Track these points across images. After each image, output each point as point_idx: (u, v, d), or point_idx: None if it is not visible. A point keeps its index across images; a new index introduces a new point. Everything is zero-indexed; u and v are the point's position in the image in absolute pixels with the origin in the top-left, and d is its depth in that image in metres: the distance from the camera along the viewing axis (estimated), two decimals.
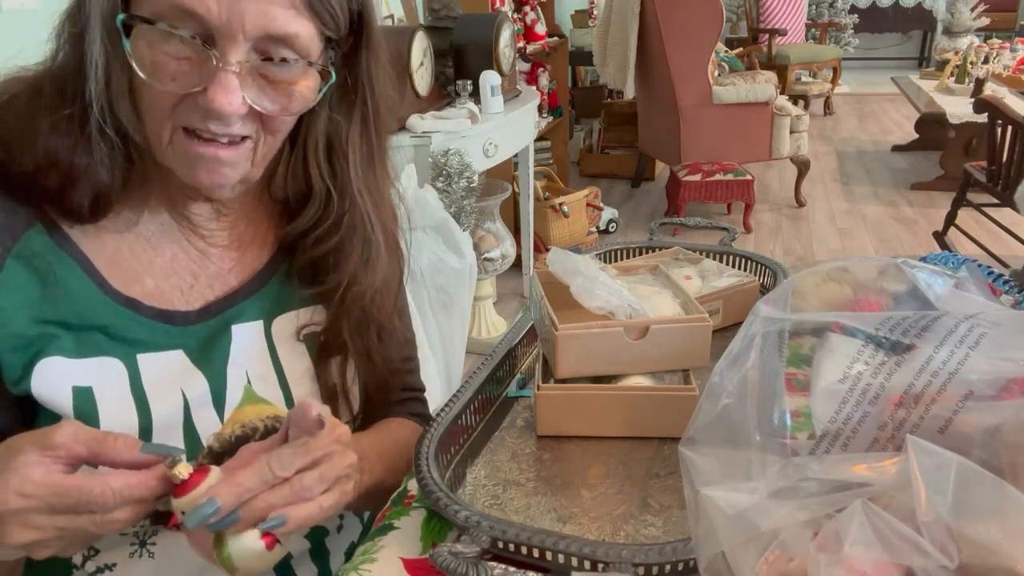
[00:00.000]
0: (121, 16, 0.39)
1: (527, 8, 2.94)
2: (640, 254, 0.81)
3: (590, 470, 0.51)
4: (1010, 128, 2.12)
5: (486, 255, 1.88)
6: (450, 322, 1.43)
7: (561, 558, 0.40)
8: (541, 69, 3.05)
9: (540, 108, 2.86)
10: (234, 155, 0.43)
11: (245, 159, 0.44)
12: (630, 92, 2.98)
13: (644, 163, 3.40)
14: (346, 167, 0.49)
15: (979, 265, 0.45)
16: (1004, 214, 2.31)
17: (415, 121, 1.54)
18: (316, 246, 0.50)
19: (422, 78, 1.60)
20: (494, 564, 0.40)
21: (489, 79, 1.75)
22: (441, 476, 0.46)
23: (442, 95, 1.78)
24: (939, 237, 2.54)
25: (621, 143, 3.51)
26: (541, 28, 2.98)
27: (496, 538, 0.41)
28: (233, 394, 0.48)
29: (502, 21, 1.82)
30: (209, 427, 0.46)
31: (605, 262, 0.74)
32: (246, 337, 0.49)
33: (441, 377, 1.42)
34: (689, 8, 2.65)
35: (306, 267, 0.51)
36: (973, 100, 2.46)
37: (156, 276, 0.47)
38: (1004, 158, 2.16)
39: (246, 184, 0.48)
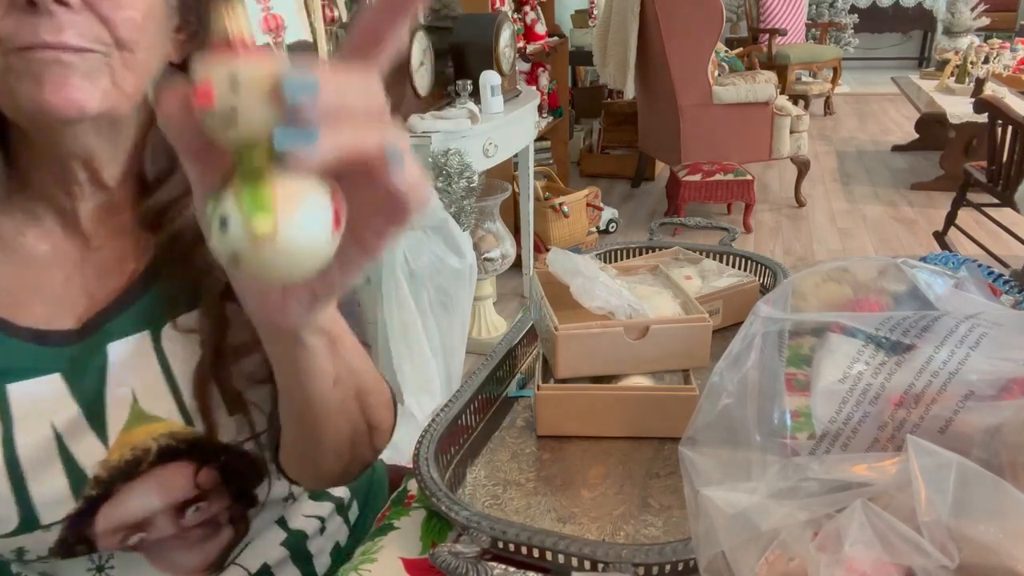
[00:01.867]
0: None
1: (527, 8, 2.94)
2: (640, 254, 0.81)
3: (590, 470, 0.51)
4: (1010, 128, 2.11)
5: (486, 255, 1.88)
6: (450, 322, 1.43)
7: (561, 558, 0.40)
8: (541, 69, 3.04)
9: (540, 108, 2.86)
10: (79, 60, 0.36)
11: (97, 71, 0.36)
12: (630, 92, 2.98)
13: (644, 163, 3.40)
14: None
15: (979, 265, 0.45)
16: (1004, 214, 2.31)
17: (415, 121, 1.54)
18: (173, 220, 0.43)
19: (422, 78, 1.60)
20: (494, 564, 0.40)
21: (489, 79, 1.75)
22: (441, 476, 0.46)
23: (442, 95, 1.78)
24: (939, 237, 2.54)
25: (621, 143, 3.51)
26: (541, 28, 2.98)
27: (496, 538, 0.41)
28: (117, 416, 0.42)
29: (502, 21, 1.82)
30: (94, 456, 0.42)
31: (605, 262, 0.74)
32: (129, 352, 0.43)
33: (441, 377, 1.42)
34: (689, 8, 2.65)
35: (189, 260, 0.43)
36: (973, 100, 2.46)
37: (47, 302, 0.42)
38: (1004, 158, 2.15)
39: (113, 118, 0.40)
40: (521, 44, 2.79)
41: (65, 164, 0.41)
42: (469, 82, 1.73)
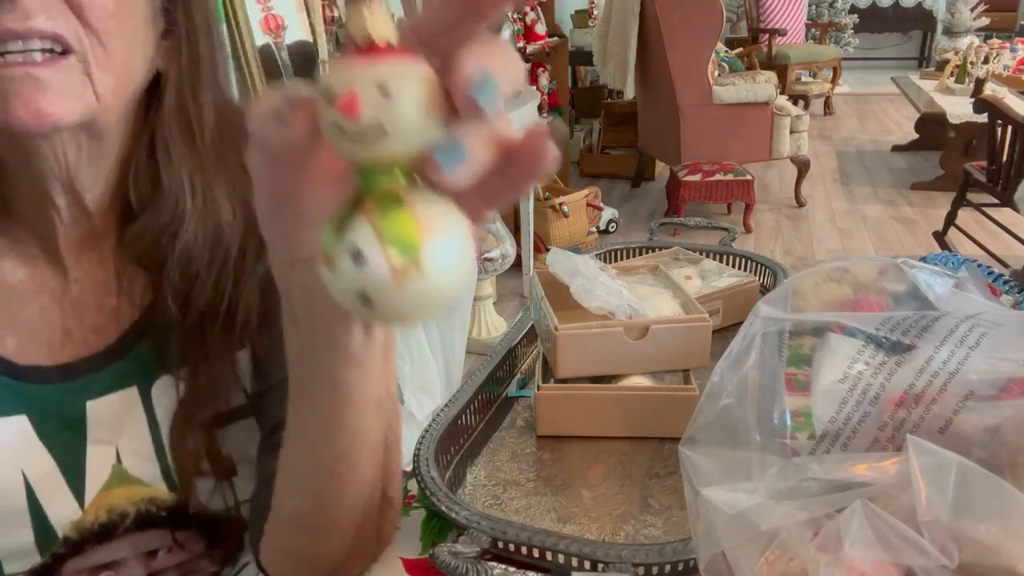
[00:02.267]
0: None
1: (527, 8, 2.94)
2: (640, 254, 0.81)
3: (590, 470, 0.51)
4: (1010, 128, 2.11)
5: (486, 255, 1.88)
6: (450, 322, 1.43)
7: (561, 558, 0.40)
8: (541, 69, 3.05)
9: (540, 108, 2.86)
10: (52, 73, 0.32)
11: (73, 80, 0.33)
12: (630, 92, 2.98)
13: (644, 163, 3.40)
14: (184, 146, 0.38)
15: (979, 265, 0.45)
16: (1004, 214, 2.31)
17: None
18: (155, 254, 0.38)
19: None
20: (494, 564, 0.40)
21: None
22: (441, 476, 0.46)
23: None
24: (939, 237, 2.54)
25: (621, 143, 3.51)
26: (541, 28, 2.98)
27: (496, 538, 0.41)
28: (96, 474, 0.39)
29: (502, 21, 1.82)
30: (66, 515, 0.39)
31: (605, 262, 0.74)
32: (113, 407, 0.39)
33: (441, 377, 1.42)
34: (689, 8, 2.65)
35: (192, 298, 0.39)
36: (973, 100, 2.47)
37: (20, 333, 0.39)
38: (1004, 158, 2.15)
39: (93, 131, 0.36)
40: (521, 44, 2.79)
41: (42, 187, 0.37)
42: None
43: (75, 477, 0.39)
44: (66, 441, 0.39)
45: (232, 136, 0.40)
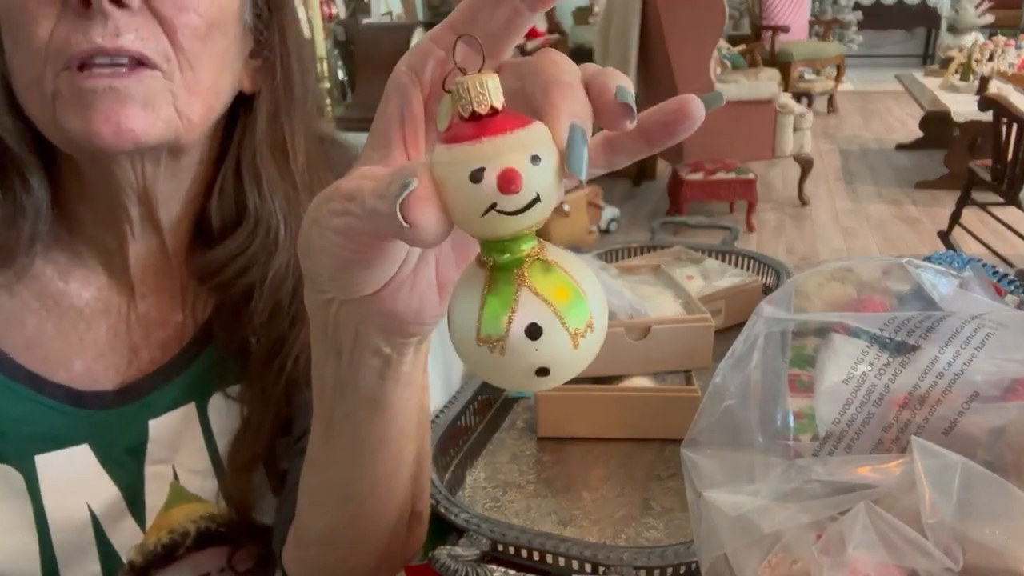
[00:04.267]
0: None
1: None
2: (642, 253, 0.81)
3: (591, 472, 0.51)
4: (1015, 126, 2.10)
5: None
6: None
7: (562, 561, 0.40)
8: None
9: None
10: (135, 84, 0.31)
11: (157, 96, 0.32)
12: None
13: (645, 161, 3.40)
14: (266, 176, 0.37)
15: (984, 265, 0.45)
16: (1009, 213, 2.30)
17: None
18: (236, 279, 0.38)
19: None
20: (494, 567, 0.40)
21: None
22: (440, 478, 0.46)
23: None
24: (944, 236, 2.53)
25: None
26: (542, 25, 2.98)
27: (496, 541, 0.41)
28: (155, 495, 0.39)
29: None
30: (131, 540, 0.38)
31: (606, 262, 0.73)
32: (172, 425, 0.39)
33: (440, 378, 1.41)
34: (691, 5, 2.64)
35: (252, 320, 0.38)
36: (978, 98, 2.45)
37: (88, 356, 0.38)
38: (1009, 157, 2.14)
39: (175, 149, 0.35)
40: (521, 41, 2.78)
41: (117, 199, 0.36)
42: None
43: (137, 501, 0.39)
44: (127, 465, 0.39)
45: (320, 162, 0.39)
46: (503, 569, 0.40)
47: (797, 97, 3.87)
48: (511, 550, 0.41)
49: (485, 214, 0.16)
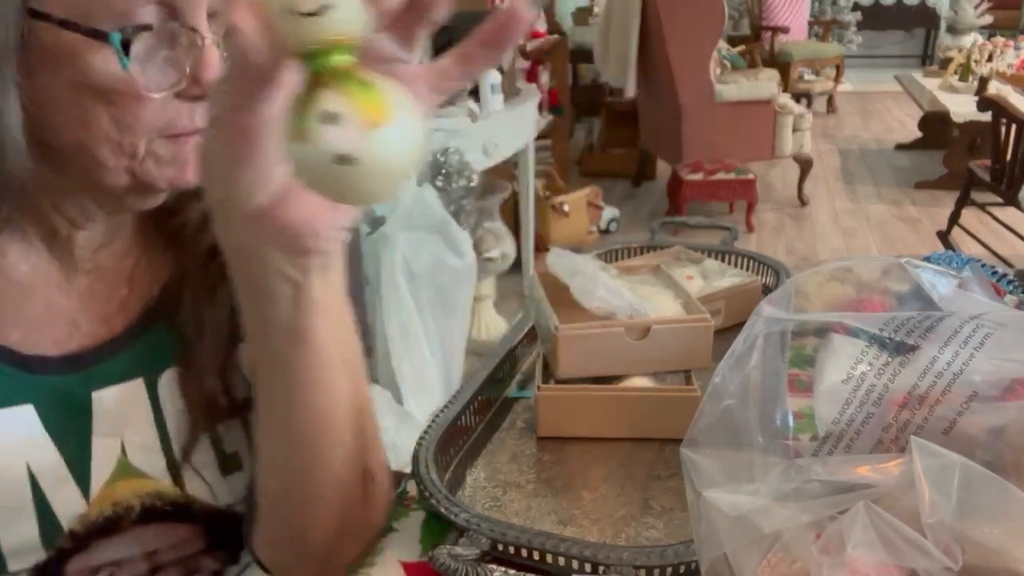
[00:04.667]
0: (118, 35, 0.32)
1: None
2: (641, 254, 0.81)
3: (591, 472, 0.51)
4: (1014, 127, 2.11)
5: (486, 255, 1.88)
6: (449, 322, 1.43)
7: (562, 561, 0.40)
8: (541, 67, 3.04)
9: (540, 106, 2.86)
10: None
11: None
12: (631, 90, 2.97)
13: (645, 162, 3.40)
14: None
15: (983, 265, 0.45)
16: (1008, 213, 2.30)
17: None
18: (200, 236, 0.40)
19: None
20: (494, 567, 0.40)
21: (488, 77, 1.75)
22: (440, 478, 0.46)
23: None
24: (943, 237, 2.53)
25: (622, 142, 3.51)
26: (541, 26, 2.98)
27: (496, 540, 0.41)
28: (102, 468, 0.39)
29: None
30: (72, 509, 0.39)
31: (606, 262, 0.73)
32: (119, 399, 0.40)
33: (440, 378, 1.42)
34: (691, 5, 2.64)
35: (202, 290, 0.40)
36: (977, 98, 2.46)
37: (27, 326, 0.38)
38: (1008, 157, 2.15)
39: None
40: (521, 42, 2.78)
41: (104, 211, 0.39)
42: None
43: (81, 470, 0.39)
44: (72, 433, 0.39)
45: None
46: (503, 568, 0.40)
47: (796, 97, 3.87)
48: (511, 549, 0.41)
49: (284, 20, 0.19)
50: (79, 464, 0.39)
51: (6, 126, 0.33)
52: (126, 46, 0.33)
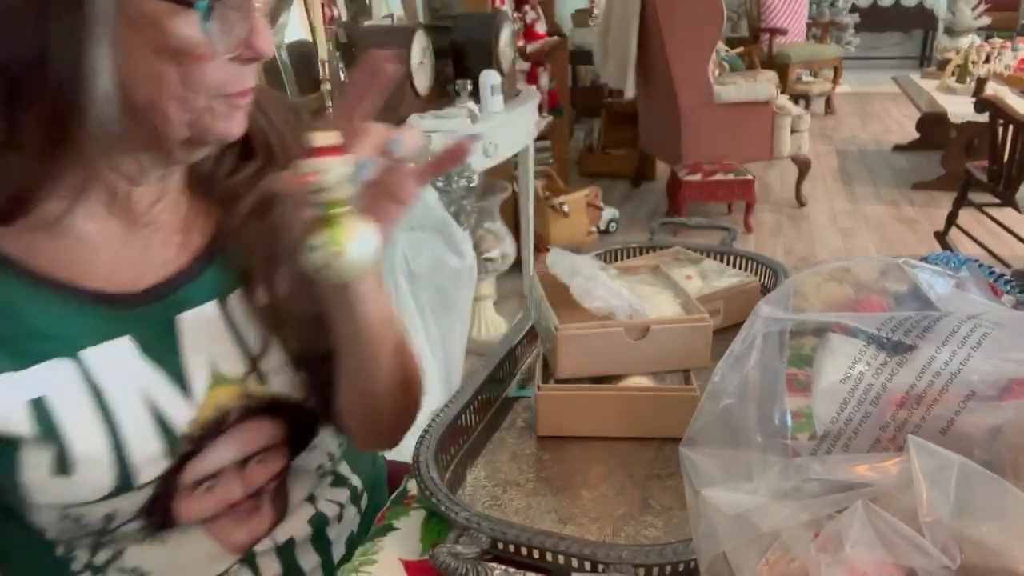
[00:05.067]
0: (204, 3, 0.38)
1: (527, 7, 2.94)
2: (641, 254, 0.81)
3: (590, 471, 0.51)
4: (1012, 128, 2.11)
5: (486, 255, 1.88)
6: (449, 322, 1.42)
7: (561, 559, 0.40)
8: (541, 68, 3.04)
9: (540, 107, 2.86)
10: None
11: None
12: (630, 91, 2.98)
13: (644, 163, 3.40)
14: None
15: (980, 265, 0.45)
16: (1006, 214, 2.31)
17: (414, 121, 1.54)
18: (245, 188, 0.48)
19: (421, 77, 1.60)
20: (494, 565, 0.40)
21: (489, 78, 1.75)
22: (441, 477, 0.46)
23: (441, 94, 1.78)
24: (940, 237, 2.53)
25: (621, 142, 3.51)
26: (541, 27, 2.98)
27: (496, 539, 0.41)
28: (199, 379, 0.46)
29: (502, 20, 1.82)
30: (183, 417, 0.45)
31: (605, 262, 0.74)
32: (200, 322, 0.46)
33: (440, 378, 1.41)
34: (690, 7, 2.64)
35: (251, 225, 0.48)
36: (974, 100, 2.46)
37: (104, 274, 0.44)
38: (1006, 158, 2.15)
39: None
40: (521, 43, 2.78)
41: (158, 166, 0.45)
42: (469, 82, 1.73)
43: (183, 384, 0.45)
44: (167, 354, 0.45)
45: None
46: (503, 567, 0.40)
47: (795, 99, 3.87)
48: (511, 548, 0.41)
49: (307, 190, 0.36)
50: (180, 379, 0.45)
51: (103, 87, 0.38)
52: (207, 13, 0.39)
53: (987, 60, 3.37)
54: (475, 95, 1.74)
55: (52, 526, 0.43)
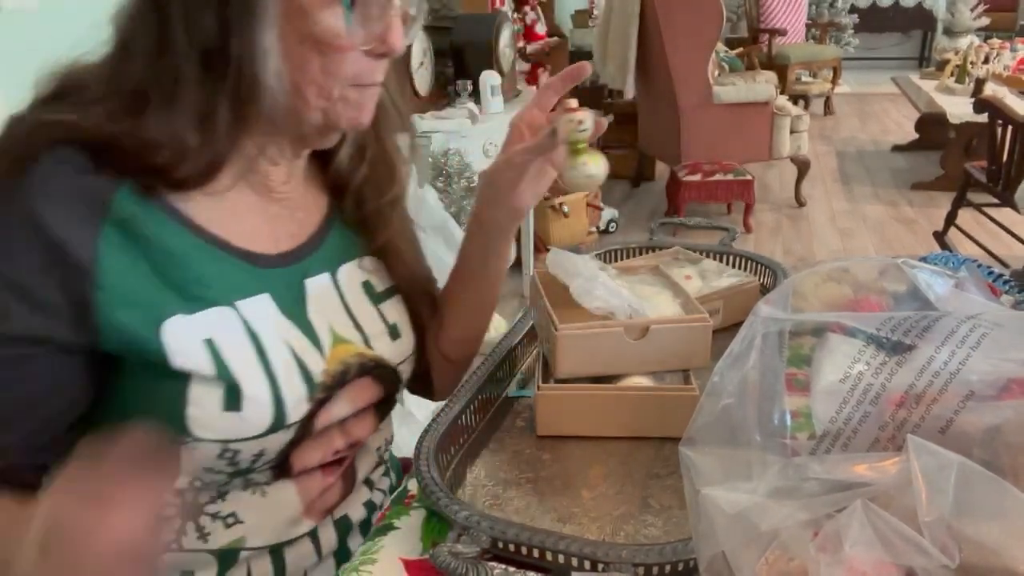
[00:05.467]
0: None
1: (527, 8, 2.94)
2: (640, 254, 0.81)
3: (590, 470, 0.51)
4: (1010, 128, 2.12)
5: None
6: None
7: (561, 558, 0.40)
8: (541, 69, 3.04)
9: None
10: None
11: None
12: (630, 92, 2.98)
13: (644, 163, 3.40)
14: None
15: (979, 265, 0.45)
16: (1004, 214, 2.31)
17: (414, 121, 1.54)
18: (355, 182, 0.55)
19: (422, 78, 1.61)
20: (494, 564, 0.40)
21: (489, 79, 1.75)
22: (441, 476, 0.46)
23: (442, 95, 1.78)
24: (939, 237, 2.54)
25: (621, 143, 3.51)
26: (541, 28, 2.98)
27: (496, 538, 0.41)
28: (324, 337, 0.51)
29: (502, 21, 1.82)
30: (317, 367, 0.49)
31: (605, 262, 0.74)
32: (319, 289, 0.52)
33: None
34: (689, 8, 2.65)
35: (353, 213, 0.56)
36: (973, 100, 2.46)
37: (244, 240, 0.49)
38: (1004, 158, 2.16)
39: None
40: (521, 44, 2.79)
41: (296, 152, 0.51)
42: (469, 82, 1.73)
43: (312, 339, 0.50)
44: (298, 313, 0.50)
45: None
46: (503, 566, 0.40)
47: (794, 99, 3.88)
48: (511, 547, 0.41)
49: (571, 133, 0.50)
50: (310, 335, 0.50)
51: (273, 65, 0.43)
52: (351, 6, 0.44)
53: (986, 61, 3.37)
54: (475, 95, 1.74)
55: (207, 462, 0.46)
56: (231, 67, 0.42)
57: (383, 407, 0.57)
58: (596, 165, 0.51)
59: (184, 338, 0.43)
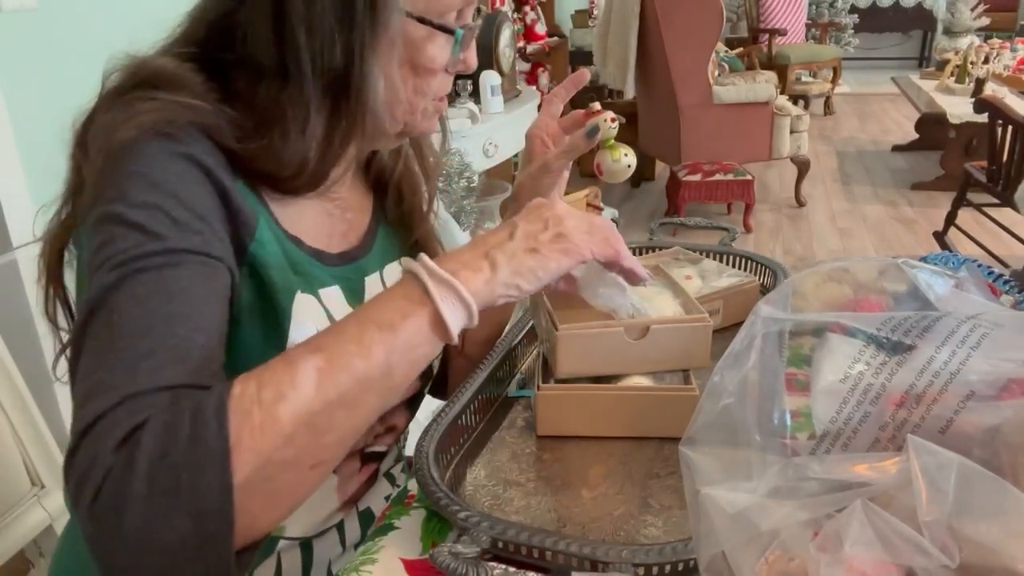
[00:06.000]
0: (460, 31, 0.49)
1: (527, 8, 2.95)
2: (640, 254, 0.81)
3: (590, 470, 0.51)
4: (1010, 128, 2.12)
5: None
6: None
7: (561, 558, 0.40)
8: (541, 69, 3.04)
9: (539, 108, 2.86)
10: None
11: None
12: (630, 92, 2.98)
13: (644, 163, 3.40)
14: None
15: (979, 265, 0.45)
16: (1004, 214, 2.31)
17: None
18: (394, 178, 0.59)
19: None
20: (494, 564, 0.40)
21: (489, 79, 1.75)
22: (441, 476, 0.46)
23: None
24: (939, 237, 2.54)
25: (621, 143, 3.51)
26: (541, 28, 2.98)
27: (496, 538, 0.41)
28: None
29: (502, 21, 1.82)
30: None
31: None
32: (373, 285, 0.56)
33: None
34: (689, 8, 2.65)
35: (394, 210, 0.61)
36: (973, 100, 2.46)
37: (309, 238, 0.52)
38: (1004, 158, 2.16)
39: None
40: (521, 44, 2.79)
41: (362, 157, 0.57)
42: (469, 82, 1.73)
43: None
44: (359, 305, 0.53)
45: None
46: (503, 566, 0.40)
47: (794, 99, 3.88)
48: (511, 547, 0.41)
49: (605, 131, 0.58)
50: None
51: (380, 89, 0.47)
52: (460, 39, 0.49)
53: (986, 61, 3.37)
54: (475, 95, 1.74)
55: None
56: (351, 94, 0.46)
57: (415, 400, 0.60)
58: (631, 155, 0.59)
59: (303, 312, 0.48)
